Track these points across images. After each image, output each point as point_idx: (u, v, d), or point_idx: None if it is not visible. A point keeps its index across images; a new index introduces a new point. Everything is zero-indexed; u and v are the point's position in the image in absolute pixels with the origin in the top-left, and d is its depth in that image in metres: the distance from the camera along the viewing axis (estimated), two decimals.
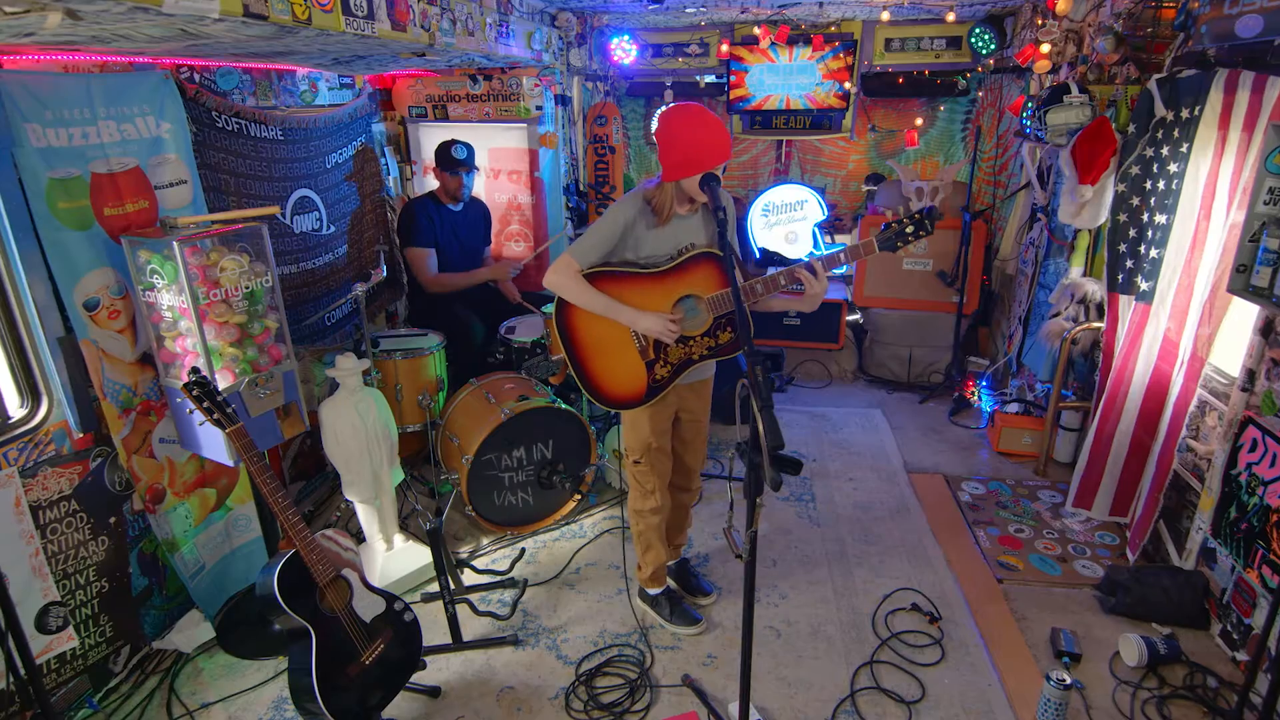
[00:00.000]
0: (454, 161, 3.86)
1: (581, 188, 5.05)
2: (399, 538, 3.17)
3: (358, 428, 2.84)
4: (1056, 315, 3.75)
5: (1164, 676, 2.52)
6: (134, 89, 2.48)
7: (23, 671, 1.93)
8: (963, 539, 3.33)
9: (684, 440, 2.73)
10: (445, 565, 2.67)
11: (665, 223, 2.37)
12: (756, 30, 4.90)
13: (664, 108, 3.82)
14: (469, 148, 3.92)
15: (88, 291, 2.38)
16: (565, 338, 2.49)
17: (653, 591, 2.84)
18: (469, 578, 3.11)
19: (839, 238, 5.73)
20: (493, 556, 3.28)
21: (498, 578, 3.10)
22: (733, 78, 5.19)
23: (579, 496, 3.56)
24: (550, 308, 3.65)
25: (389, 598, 2.34)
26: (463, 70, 4.35)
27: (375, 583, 2.43)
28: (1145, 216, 3.13)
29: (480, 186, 4.70)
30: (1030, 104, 3.93)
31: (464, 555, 3.26)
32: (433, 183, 4.09)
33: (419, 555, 3.13)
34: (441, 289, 3.98)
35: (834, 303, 5.18)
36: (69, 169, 2.28)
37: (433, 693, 2.51)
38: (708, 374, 2.66)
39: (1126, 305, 3.25)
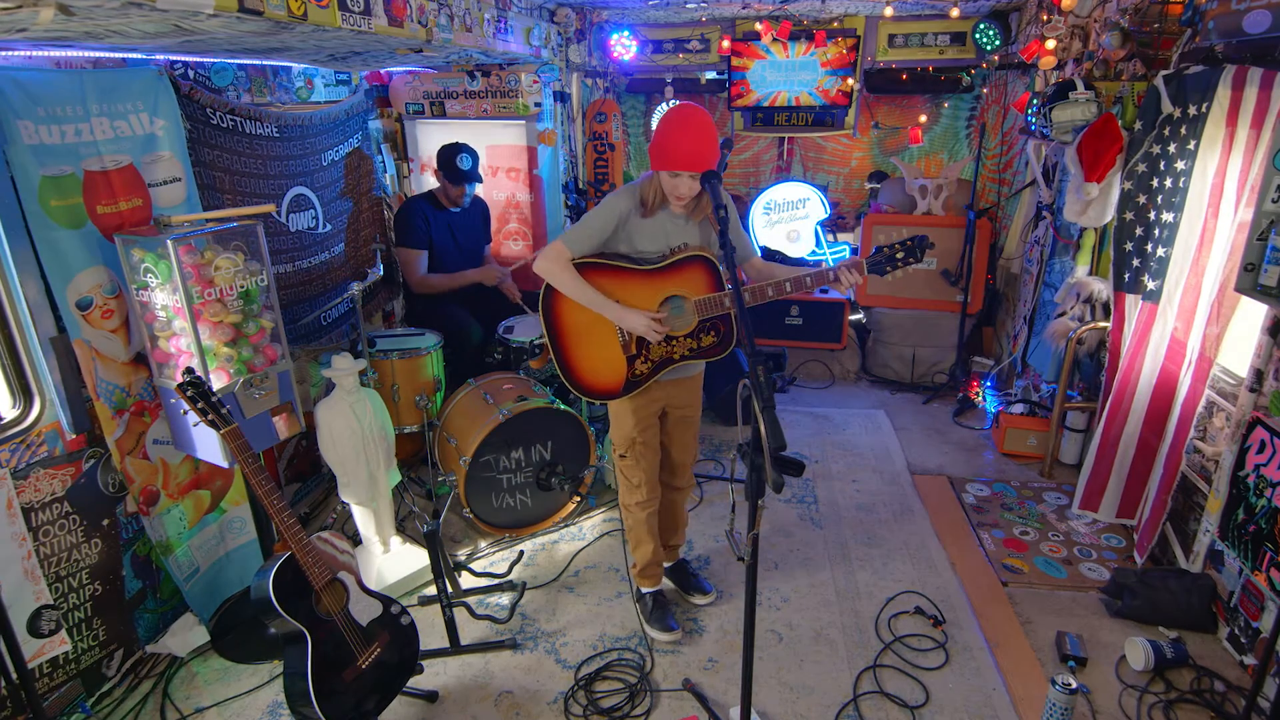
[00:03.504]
0: (460, 174, 3.83)
1: (581, 185, 5.03)
2: (396, 540, 3.14)
3: (354, 429, 2.81)
4: (1062, 315, 3.72)
5: (1171, 681, 2.49)
6: (127, 85, 2.45)
7: (15, 676, 1.91)
8: (967, 541, 3.30)
9: (671, 435, 2.72)
10: (443, 568, 2.64)
11: (652, 214, 2.38)
12: (758, 26, 4.87)
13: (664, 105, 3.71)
14: (474, 158, 3.88)
15: (81, 291, 2.35)
16: (549, 322, 2.49)
17: (643, 590, 2.82)
18: (467, 581, 3.08)
19: (841, 236, 5.70)
20: (491, 559, 3.25)
21: (496, 580, 3.07)
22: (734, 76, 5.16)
23: (578, 498, 3.53)
24: None
25: (386, 601, 2.32)
26: (460, 66, 4.31)
27: (372, 586, 2.40)
28: (1152, 214, 3.10)
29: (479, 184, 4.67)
30: (1035, 100, 3.90)
31: (462, 558, 3.23)
32: (431, 181, 4.05)
33: (416, 558, 3.10)
34: (427, 290, 3.95)
35: (836, 302, 5.15)
36: (62, 166, 2.25)
37: (430, 697, 2.49)
38: (694, 371, 2.64)
39: (1133, 304, 3.22)
